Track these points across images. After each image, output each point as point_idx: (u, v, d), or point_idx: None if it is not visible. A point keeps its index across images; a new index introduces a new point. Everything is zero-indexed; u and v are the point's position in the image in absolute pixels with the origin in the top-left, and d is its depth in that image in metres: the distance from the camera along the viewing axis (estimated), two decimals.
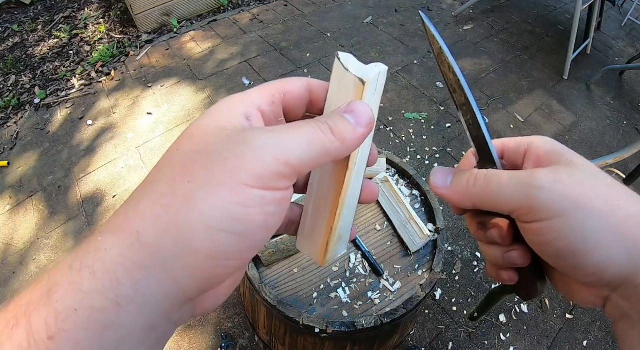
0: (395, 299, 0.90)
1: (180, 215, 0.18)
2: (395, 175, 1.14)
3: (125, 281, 0.18)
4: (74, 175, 1.91)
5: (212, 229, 0.18)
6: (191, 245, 0.18)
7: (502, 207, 0.25)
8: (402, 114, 2.21)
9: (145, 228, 0.19)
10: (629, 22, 3.25)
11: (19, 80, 2.45)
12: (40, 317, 0.17)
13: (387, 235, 1.01)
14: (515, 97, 2.41)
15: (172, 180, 0.20)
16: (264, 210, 0.20)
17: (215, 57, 2.56)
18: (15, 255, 1.64)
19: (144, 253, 0.18)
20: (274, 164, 0.19)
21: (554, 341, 1.44)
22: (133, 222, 0.19)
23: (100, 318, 0.17)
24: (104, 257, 0.18)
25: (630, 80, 2.67)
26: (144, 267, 0.18)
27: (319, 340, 0.92)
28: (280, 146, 0.20)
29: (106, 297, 0.17)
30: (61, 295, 0.17)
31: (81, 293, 0.17)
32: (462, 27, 2.95)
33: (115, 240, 0.19)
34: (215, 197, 0.19)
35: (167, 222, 0.19)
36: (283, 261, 0.95)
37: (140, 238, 0.18)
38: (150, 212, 0.19)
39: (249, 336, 1.41)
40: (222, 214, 0.19)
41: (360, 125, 0.23)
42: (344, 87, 0.25)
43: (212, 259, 0.19)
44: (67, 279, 0.18)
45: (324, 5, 3.10)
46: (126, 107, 2.25)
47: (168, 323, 0.20)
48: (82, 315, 0.17)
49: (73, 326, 0.17)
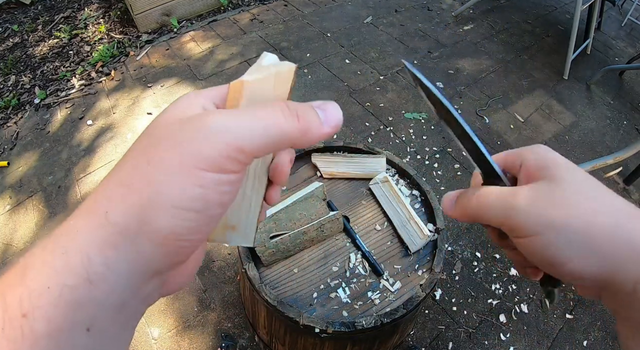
0: (395, 299, 0.90)
1: (143, 196, 0.20)
2: (395, 175, 1.14)
3: (96, 259, 0.19)
4: (74, 175, 1.91)
5: (173, 208, 0.20)
6: (155, 223, 0.20)
7: (491, 223, 0.28)
8: (402, 114, 2.21)
9: (113, 209, 0.20)
10: (629, 22, 3.25)
11: (19, 80, 2.45)
12: (14, 296, 0.18)
13: (387, 235, 1.01)
14: (515, 97, 2.41)
15: (134, 165, 0.21)
16: (219, 190, 0.21)
17: (215, 57, 2.56)
18: (15, 256, 1.64)
19: (113, 232, 0.20)
20: (226, 149, 0.20)
21: (554, 341, 1.44)
22: (101, 204, 0.20)
23: (72, 295, 0.18)
24: (75, 237, 0.19)
25: (630, 80, 2.67)
26: (113, 245, 0.19)
27: (319, 340, 0.92)
28: (233, 132, 0.21)
29: (78, 275, 0.18)
30: (34, 275, 0.18)
31: (54, 271, 0.18)
32: (462, 27, 2.95)
33: (85, 221, 0.20)
34: (173, 179, 0.20)
35: (131, 203, 0.20)
36: (283, 261, 0.95)
37: (109, 218, 0.20)
38: (116, 194, 0.21)
39: (249, 336, 1.41)
40: (181, 194, 0.20)
41: (328, 125, 0.24)
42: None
43: (175, 234, 0.20)
44: (40, 259, 0.19)
45: (324, 5, 3.10)
46: (126, 107, 2.25)
47: (137, 300, 0.21)
48: (54, 292, 0.18)
49: (46, 303, 0.18)
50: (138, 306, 0.22)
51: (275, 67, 0.26)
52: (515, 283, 1.58)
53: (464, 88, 2.42)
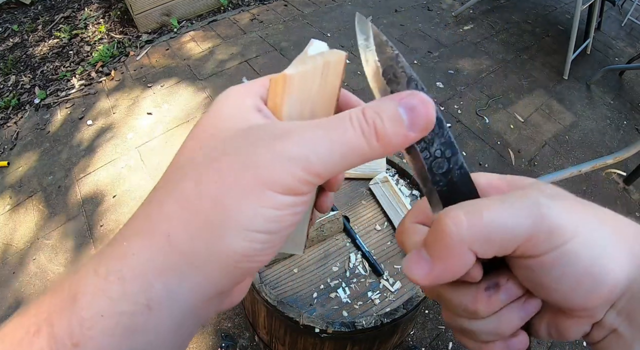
0: (395, 299, 0.90)
1: (213, 219, 0.18)
2: (395, 175, 1.14)
3: (157, 284, 0.18)
4: (74, 175, 1.91)
5: (247, 231, 0.19)
6: (226, 247, 0.18)
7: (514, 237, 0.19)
8: None
9: (176, 232, 0.18)
10: (629, 22, 3.25)
11: (19, 80, 2.45)
12: (63, 324, 0.17)
13: (387, 235, 1.01)
14: (515, 97, 2.41)
15: (198, 182, 0.19)
16: (294, 211, 0.20)
17: (215, 57, 2.56)
18: (15, 255, 1.64)
19: (176, 256, 0.18)
20: (302, 176, 0.19)
21: (554, 341, 1.44)
22: (160, 226, 0.19)
23: (129, 323, 0.17)
24: (132, 262, 0.18)
25: (630, 80, 2.67)
26: (177, 269, 0.18)
27: (319, 340, 0.92)
28: (309, 158, 0.19)
29: (136, 302, 0.17)
30: (87, 302, 0.17)
31: (109, 299, 0.17)
32: (462, 27, 2.95)
33: (143, 244, 0.18)
34: (247, 202, 0.18)
35: (198, 226, 0.18)
36: (283, 261, 0.95)
37: (172, 242, 0.18)
38: (179, 215, 0.19)
39: (249, 336, 1.41)
40: (256, 217, 0.19)
41: (414, 129, 0.20)
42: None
43: (247, 257, 0.19)
44: (92, 285, 0.17)
45: (324, 5, 3.10)
46: (126, 107, 2.25)
47: (195, 320, 0.20)
48: (109, 321, 0.17)
49: (100, 333, 0.16)
50: (195, 325, 0.21)
51: (322, 57, 0.22)
52: None
53: (464, 88, 2.42)
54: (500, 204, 0.19)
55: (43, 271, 1.58)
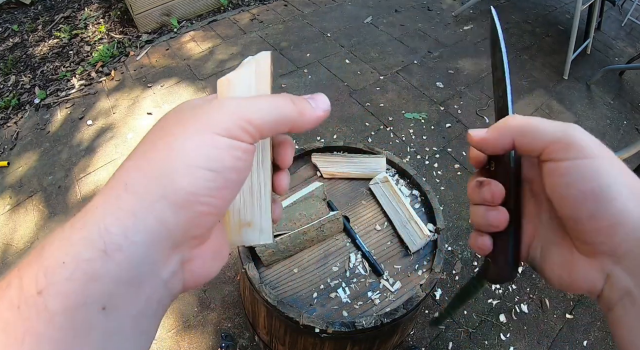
0: (395, 299, 0.90)
1: (163, 161, 0.21)
2: (395, 175, 1.14)
3: (114, 228, 0.19)
4: (74, 175, 1.91)
5: (191, 167, 0.21)
6: (175, 183, 0.20)
7: (540, 138, 0.26)
8: (402, 114, 2.21)
9: (132, 179, 0.21)
10: (629, 22, 3.25)
11: (19, 80, 2.45)
12: (30, 275, 0.18)
13: (387, 236, 1.01)
14: (515, 97, 2.40)
15: (153, 140, 0.23)
16: (233, 154, 0.22)
17: (215, 57, 2.56)
18: (15, 256, 1.64)
19: (132, 200, 0.20)
20: (239, 120, 0.22)
21: (554, 341, 1.44)
22: (120, 179, 0.21)
23: (87, 268, 0.18)
24: (94, 211, 0.20)
25: (630, 80, 2.67)
26: (132, 213, 0.19)
27: (319, 340, 0.92)
28: (245, 108, 0.23)
29: (94, 248, 0.18)
30: (51, 252, 0.18)
31: (70, 245, 0.18)
32: (462, 27, 2.95)
33: (104, 197, 0.20)
34: (191, 143, 0.21)
35: (151, 169, 0.21)
36: (283, 261, 0.95)
37: (128, 189, 0.20)
38: (136, 165, 0.21)
39: (249, 336, 1.41)
40: (199, 154, 0.21)
41: (319, 108, 0.26)
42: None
43: (194, 194, 0.21)
44: (58, 236, 0.19)
45: (323, 5, 3.10)
46: (126, 107, 2.25)
47: (158, 281, 0.21)
48: (69, 266, 0.18)
49: (60, 279, 0.17)
50: (160, 289, 0.21)
51: (253, 58, 0.28)
52: (515, 283, 1.58)
53: (464, 88, 2.42)
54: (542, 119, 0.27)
55: None
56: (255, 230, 0.30)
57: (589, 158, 0.24)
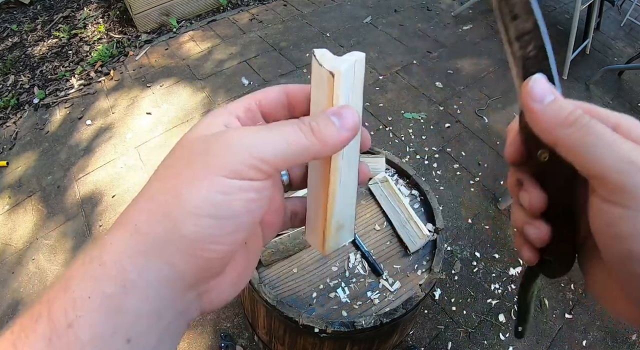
0: (394, 298, 0.90)
1: (169, 207, 0.21)
2: (395, 175, 1.14)
3: (129, 267, 0.20)
4: (73, 175, 1.91)
5: (196, 216, 0.21)
6: (179, 231, 0.20)
7: (588, 165, 0.21)
8: (402, 114, 2.21)
9: (142, 221, 0.21)
10: (628, 22, 3.25)
11: (18, 80, 2.45)
12: (59, 308, 0.19)
13: (387, 235, 1.01)
14: (514, 97, 2.40)
15: (163, 181, 0.22)
16: (244, 196, 0.22)
17: (214, 57, 2.56)
18: (14, 255, 1.63)
19: (142, 241, 0.20)
20: (250, 158, 0.21)
21: (553, 341, 1.45)
22: (132, 218, 0.21)
23: (111, 303, 0.19)
24: (110, 249, 0.21)
25: (630, 80, 2.68)
26: (143, 254, 0.20)
27: (319, 340, 0.92)
28: (254, 144, 0.22)
29: (115, 283, 0.19)
30: (76, 286, 0.19)
31: (93, 281, 0.19)
32: (462, 27, 2.95)
33: (118, 234, 0.21)
34: (197, 189, 0.21)
35: (158, 213, 0.21)
36: (282, 261, 0.95)
37: (138, 229, 0.21)
38: (146, 207, 0.22)
39: (248, 336, 1.41)
40: (205, 202, 0.21)
41: (345, 129, 0.24)
42: (321, 83, 0.26)
43: (199, 242, 0.21)
44: (80, 271, 0.20)
45: (323, 5, 3.10)
46: (125, 107, 2.24)
47: (174, 312, 0.22)
48: (95, 301, 0.19)
49: (88, 312, 0.19)
50: (177, 320, 0.22)
51: (352, 57, 0.26)
52: (515, 283, 1.58)
53: (463, 88, 2.42)
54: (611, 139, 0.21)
55: (42, 271, 1.58)
56: (346, 231, 0.29)
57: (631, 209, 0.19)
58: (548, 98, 0.24)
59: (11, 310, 1.48)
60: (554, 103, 0.24)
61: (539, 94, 0.24)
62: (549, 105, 0.23)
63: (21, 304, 1.49)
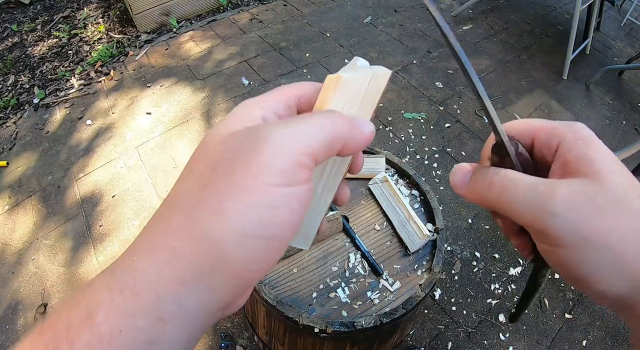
0: (394, 298, 0.90)
1: (212, 228, 0.19)
2: (395, 175, 1.14)
3: (167, 297, 0.18)
4: (73, 175, 1.91)
5: (244, 237, 0.19)
6: (226, 256, 0.19)
7: (516, 220, 0.24)
8: (402, 114, 2.21)
9: (180, 244, 0.19)
10: (628, 22, 3.25)
11: (18, 80, 2.45)
12: (82, 341, 0.17)
13: (387, 235, 1.01)
14: (514, 97, 2.41)
15: (199, 193, 0.20)
16: (289, 209, 0.20)
17: (214, 57, 2.56)
18: (14, 255, 1.63)
19: (182, 269, 0.18)
20: (294, 154, 0.19)
21: (553, 341, 1.45)
22: (167, 239, 0.19)
23: (146, 336, 0.18)
24: (143, 276, 0.18)
25: (630, 80, 2.68)
26: (183, 282, 0.18)
27: (319, 340, 0.91)
28: (296, 136, 0.20)
29: (150, 316, 0.18)
30: (103, 318, 0.17)
31: (124, 314, 0.17)
32: (462, 27, 2.95)
33: (151, 258, 0.19)
34: (242, 203, 0.19)
35: (200, 236, 0.19)
36: (282, 261, 0.95)
37: (177, 254, 0.19)
38: (183, 227, 0.19)
39: (248, 336, 1.41)
40: (252, 220, 0.19)
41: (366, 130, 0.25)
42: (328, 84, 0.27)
43: (246, 265, 0.19)
44: (107, 300, 0.18)
45: (323, 5, 3.10)
46: (125, 107, 2.24)
47: (203, 330, 0.21)
48: (127, 336, 0.17)
49: (119, 347, 0.17)
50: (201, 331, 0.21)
51: (372, 70, 0.26)
52: (515, 283, 1.58)
53: (463, 88, 2.42)
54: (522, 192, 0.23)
55: (42, 271, 1.58)
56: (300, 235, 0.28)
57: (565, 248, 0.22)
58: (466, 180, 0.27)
59: (11, 311, 1.48)
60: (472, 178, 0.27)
61: (458, 182, 0.27)
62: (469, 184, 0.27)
63: (21, 304, 1.49)
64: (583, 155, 0.23)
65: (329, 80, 0.26)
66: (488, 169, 0.26)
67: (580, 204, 0.21)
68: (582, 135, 0.25)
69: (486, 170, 0.26)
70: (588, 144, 0.24)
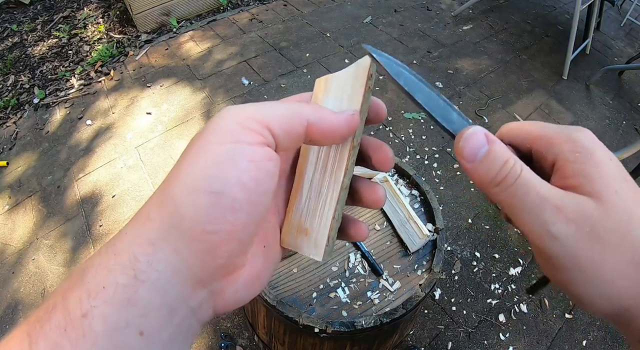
0: (394, 298, 0.90)
1: (171, 187, 0.21)
2: (395, 175, 1.14)
3: (140, 257, 0.19)
4: (73, 175, 1.91)
5: (193, 192, 0.20)
6: (180, 213, 0.20)
7: (516, 225, 0.23)
8: (402, 114, 2.21)
9: (152, 208, 0.21)
10: (628, 22, 3.25)
11: (18, 80, 2.45)
12: (74, 298, 0.19)
13: (387, 235, 1.01)
14: (514, 97, 2.41)
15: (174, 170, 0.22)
16: (236, 165, 0.20)
17: (214, 57, 2.56)
18: (14, 255, 1.63)
19: (151, 228, 0.20)
20: (239, 118, 0.21)
21: (553, 341, 1.45)
22: (146, 206, 0.22)
23: (124, 293, 0.19)
24: (124, 238, 0.20)
25: (630, 80, 2.68)
26: (153, 243, 0.20)
27: (319, 340, 0.92)
28: (249, 107, 0.22)
29: (127, 274, 0.19)
30: (92, 276, 0.19)
31: (107, 271, 0.19)
32: (462, 27, 2.95)
33: (133, 223, 0.21)
34: (194, 161, 0.20)
35: (165, 198, 0.21)
36: (282, 261, 0.95)
37: (149, 217, 0.21)
38: (157, 193, 0.22)
39: (248, 336, 1.41)
40: (198, 174, 0.20)
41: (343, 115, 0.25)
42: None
43: (198, 224, 0.20)
44: (96, 261, 0.20)
45: (323, 5, 3.10)
46: (125, 107, 2.24)
47: (187, 309, 0.21)
48: (108, 291, 0.19)
49: (102, 302, 0.18)
50: (190, 318, 0.21)
51: (355, 64, 0.28)
52: (515, 283, 1.58)
53: (463, 88, 2.42)
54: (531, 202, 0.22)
55: (42, 271, 1.58)
56: (311, 242, 0.27)
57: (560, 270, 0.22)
58: (480, 153, 0.24)
59: (11, 311, 1.48)
60: (486, 159, 0.23)
61: (468, 154, 0.24)
62: (480, 163, 0.24)
63: (21, 304, 1.49)
64: (581, 170, 0.22)
65: (318, 83, 0.28)
66: (508, 156, 0.23)
67: (581, 234, 0.21)
68: (581, 147, 0.23)
69: (505, 156, 0.23)
70: (587, 157, 0.22)
